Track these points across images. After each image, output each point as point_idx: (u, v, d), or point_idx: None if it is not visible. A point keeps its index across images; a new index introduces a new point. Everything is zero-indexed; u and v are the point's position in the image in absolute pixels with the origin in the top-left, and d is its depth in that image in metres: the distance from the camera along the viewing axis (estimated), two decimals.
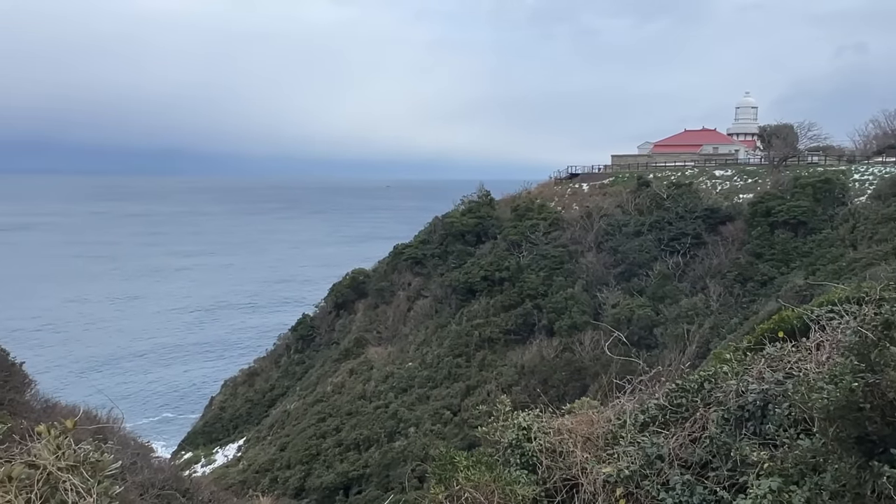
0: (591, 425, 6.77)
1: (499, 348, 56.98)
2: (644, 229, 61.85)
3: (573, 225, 65.52)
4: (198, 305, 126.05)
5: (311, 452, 50.52)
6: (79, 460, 3.34)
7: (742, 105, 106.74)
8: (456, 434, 47.44)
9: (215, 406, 68.50)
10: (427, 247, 70.31)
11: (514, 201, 74.17)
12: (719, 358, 7.66)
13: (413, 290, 67.92)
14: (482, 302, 61.29)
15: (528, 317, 57.94)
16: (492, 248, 65.97)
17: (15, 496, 2.98)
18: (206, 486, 24.39)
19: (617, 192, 71.25)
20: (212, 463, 57.10)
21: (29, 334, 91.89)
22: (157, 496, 18.40)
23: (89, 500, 3.22)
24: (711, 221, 60.98)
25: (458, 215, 71.03)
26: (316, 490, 47.10)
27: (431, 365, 56.79)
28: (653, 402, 6.77)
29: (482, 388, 52.42)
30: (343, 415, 53.72)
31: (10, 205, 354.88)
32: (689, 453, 5.85)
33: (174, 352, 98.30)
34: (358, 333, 66.47)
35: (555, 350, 53.74)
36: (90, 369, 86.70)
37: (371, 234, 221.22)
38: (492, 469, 6.07)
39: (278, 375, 69.57)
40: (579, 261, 61.47)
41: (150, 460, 24.62)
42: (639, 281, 58.18)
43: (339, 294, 73.19)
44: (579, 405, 7.74)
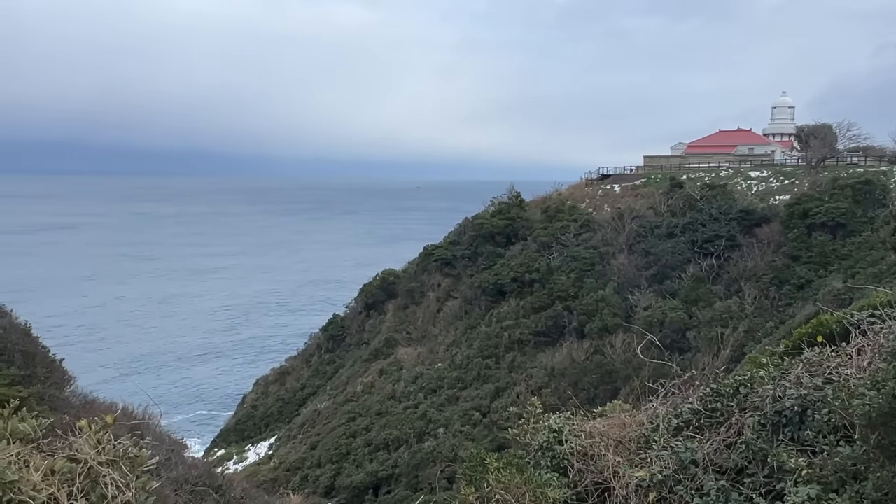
0: (624, 429, 6.70)
1: (528, 350, 56.72)
2: (677, 231, 61.02)
3: (604, 226, 64.94)
4: (232, 305, 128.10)
5: (341, 451, 50.88)
6: (118, 455, 3.42)
7: (778, 105, 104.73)
8: (485, 436, 47.35)
9: (247, 404, 69.43)
10: (457, 248, 70.32)
11: (545, 202, 73.78)
12: (755, 362, 7.52)
13: (443, 291, 67.98)
14: (512, 303, 61.08)
15: (559, 319, 57.56)
16: (522, 250, 65.71)
17: (58, 489, 3.06)
18: (238, 483, 24.70)
19: (649, 194, 70.42)
20: (244, 460, 57.86)
21: (69, 331, 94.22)
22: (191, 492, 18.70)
23: (128, 494, 3.29)
24: (746, 223, 59.93)
25: (488, 216, 70.91)
26: (346, 489, 47.41)
27: (461, 366, 56.77)
28: (686, 407, 6.67)
29: (511, 390, 52.24)
30: (373, 415, 53.99)
31: (51, 205, 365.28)
32: (724, 459, 5.75)
33: (209, 350, 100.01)
34: (388, 334, 66.76)
35: (585, 352, 53.30)
36: (127, 367, 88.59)
37: (401, 235, 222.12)
38: (522, 471, 6.04)
39: (309, 375, 70.24)
40: (610, 262, 60.90)
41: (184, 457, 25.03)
42: (671, 283, 57.41)
43: (369, 294, 73.62)
44: (611, 408, 7.66)
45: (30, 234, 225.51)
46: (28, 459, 3.25)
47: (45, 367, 24.72)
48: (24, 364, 23.24)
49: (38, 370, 24.02)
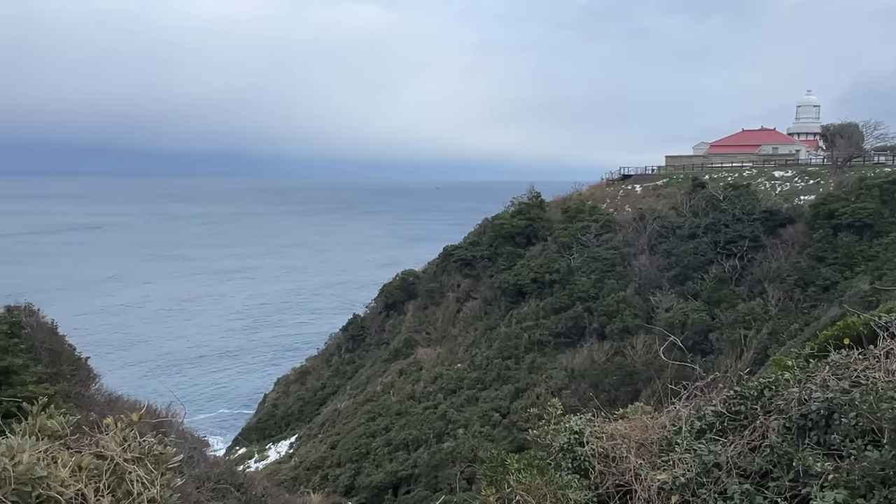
0: (646, 431, 6.64)
1: (548, 351, 56.51)
2: (699, 231, 60.42)
3: (625, 227, 64.50)
4: (254, 305, 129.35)
5: (361, 451, 51.07)
6: (143, 452, 3.46)
7: (803, 104, 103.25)
8: (505, 436, 47.26)
9: (268, 403, 69.98)
10: (477, 248, 70.26)
11: (565, 203, 73.47)
12: (780, 364, 7.42)
13: (462, 291, 67.96)
14: (532, 304, 60.90)
15: (579, 320, 57.28)
16: (542, 250, 65.48)
17: (85, 485, 3.11)
18: (259, 482, 24.92)
19: (671, 194, 69.83)
20: (265, 459, 58.32)
21: (95, 330, 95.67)
22: (213, 490, 18.90)
23: (153, 491, 3.33)
24: (770, 224, 59.18)
25: (508, 217, 70.76)
26: (365, 489, 47.58)
27: (480, 367, 56.71)
28: (710, 409, 6.60)
29: (531, 391, 52.07)
30: (392, 414, 54.13)
31: (79, 205, 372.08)
32: (748, 462, 5.68)
33: (231, 349, 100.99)
34: (407, 334, 66.89)
35: (606, 354, 52.99)
36: (151, 365, 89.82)
37: (421, 235, 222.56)
38: (543, 472, 6.02)
39: (329, 374, 70.61)
40: (632, 263, 60.47)
41: (206, 455, 25.32)
42: (693, 284, 56.85)
43: (389, 295, 73.82)
44: (632, 410, 7.60)
45: (57, 234, 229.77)
46: (56, 456, 3.30)
47: (71, 365, 25.14)
48: (50, 362, 23.65)
49: (64, 368, 24.43)
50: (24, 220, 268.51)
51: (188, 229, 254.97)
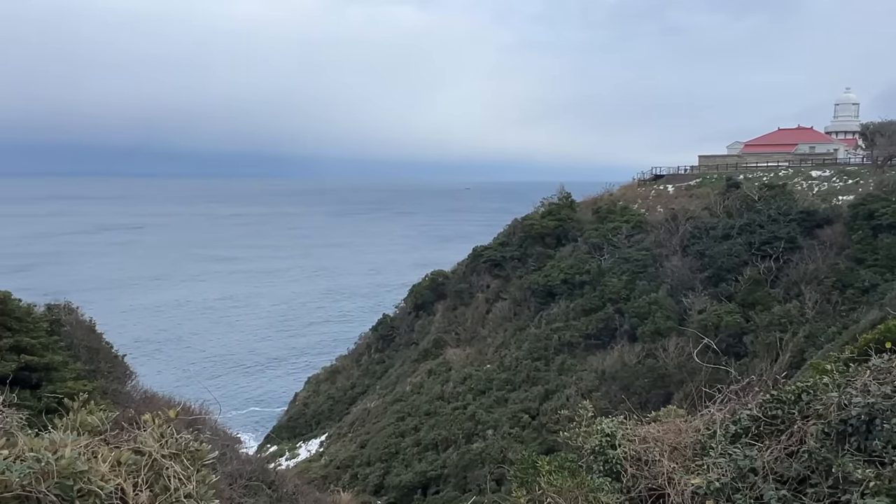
0: (679, 434, 6.55)
1: (578, 353, 56.09)
2: (733, 232, 59.42)
3: (657, 228, 63.73)
4: (287, 303, 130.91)
5: (391, 451, 51.28)
6: (180, 449, 3.52)
7: (842, 102, 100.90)
8: (534, 438, 47.03)
9: (299, 402, 70.68)
10: (506, 249, 70.06)
11: (596, 203, 72.87)
12: (818, 368, 7.26)
13: (492, 292, 67.83)
14: (562, 305, 60.52)
15: (610, 321, 56.74)
16: (572, 251, 65.03)
17: (124, 480, 3.18)
18: (290, 480, 25.18)
19: (704, 194, 68.83)
20: (295, 457, 58.90)
21: (133, 329, 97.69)
22: (245, 486, 19.15)
23: (189, 486, 3.39)
24: (807, 224, 57.93)
25: (538, 217, 70.41)
26: (395, 488, 47.76)
27: (510, 368, 56.53)
28: (745, 413, 6.49)
29: (561, 393, 51.73)
30: (421, 415, 54.24)
31: (120, 206, 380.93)
32: (786, 468, 5.57)
33: (263, 347, 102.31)
34: (437, 334, 66.98)
35: (637, 356, 52.40)
36: (186, 363, 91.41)
37: (450, 235, 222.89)
38: (575, 475, 5.98)
39: (359, 374, 71.04)
40: (664, 264, 59.71)
41: (238, 452, 25.67)
42: (727, 286, 55.91)
43: (418, 295, 74.01)
44: (665, 413, 7.51)
45: (98, 233, 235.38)
46: (96, 451, 3.38)
47: (108, 363, 25.69)
48: (88, 359, 24.20)
49: (101, 365, 24.98)
50: (68, 220, 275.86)
51: (226, 229, 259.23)
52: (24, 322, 21.07)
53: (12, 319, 20.60)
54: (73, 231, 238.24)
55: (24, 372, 18.83)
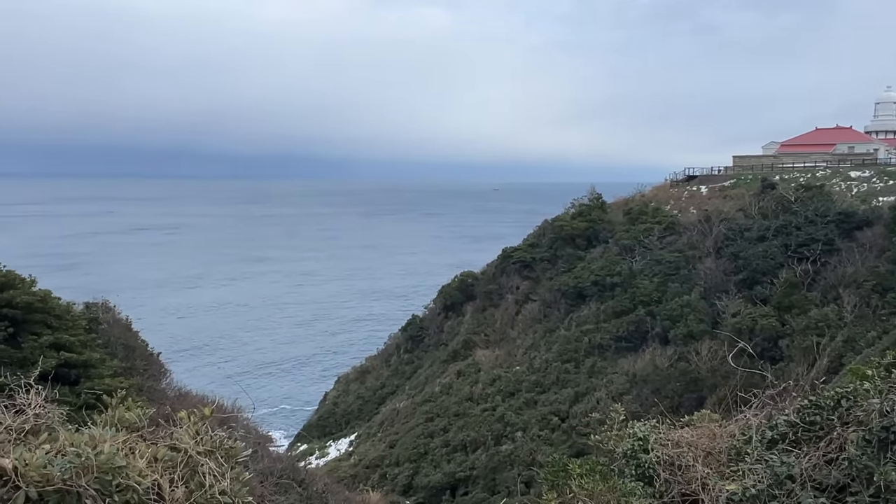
0: (713, 439, 6.44)
1: (609, 355, 55.56)
2: (769, 234, 58.29)
3: (690, 229, 62.84)
4: (318, 302, 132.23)
5: (419, 451, 51.39)
6: (215, 446, 3.57)
7: (882, 100, 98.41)
8: (564, 441, 46.71)
9: (329, 401, 71.24)
10: (536, 250, 69.73)
11: (627, 204, 72.16)
12: (858, 374, 7.07)
13: (521, 293, 67.58)
14: (592, 307, 60.02)
15: (641, 324, 56.10)
16: (603, 253, 64.46)
17: (160, 475, 3.23)
18: (319, 478, 25.40)
19: (739, 195, 67.72)
20: (325, 456, 59.38)
21: (167, 327, 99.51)
22: (276, 484, 19.37)
23: (223, 483, 3.43)
24: (846, 226, 56.56)
25: (569, 218, 69.95)
26: (423, 489, 47.85)
27: (539, 370, 56.25)
28: (782, 419, 6.35)
29: (591, 396, 51.29)
30: (450, 416, 54.26)
31: (161, 206, 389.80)
32: (825, 475, 5.43)
33: (294, 346, 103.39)
34: (466, 335, 66.94)
35: (669, 359, 51.71)
36: (219, 360, 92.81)
37: (480, 236, 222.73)
38: (606, 479, 5.92)
39: (388, 374, 71.34)
40: (696, 267, 58.84)
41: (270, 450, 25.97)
42: (762, 289, 54.84)
43: (447, 296, 74.06)
44: (699, 417, 7.39)
45: (135, 234, 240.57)
46: (133, 447, 3.44)
47: (143, 360, 26.20)
48: (125, 357, 24.71)
49: (137, 363, 25.49)
50: (106, 221, 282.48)
51: (259, 230, 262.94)
52: (64, 320, 21.61)
53: (52, 317, 21.15)
54: (111, 231, 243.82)
55: (64, 368, 19.31)
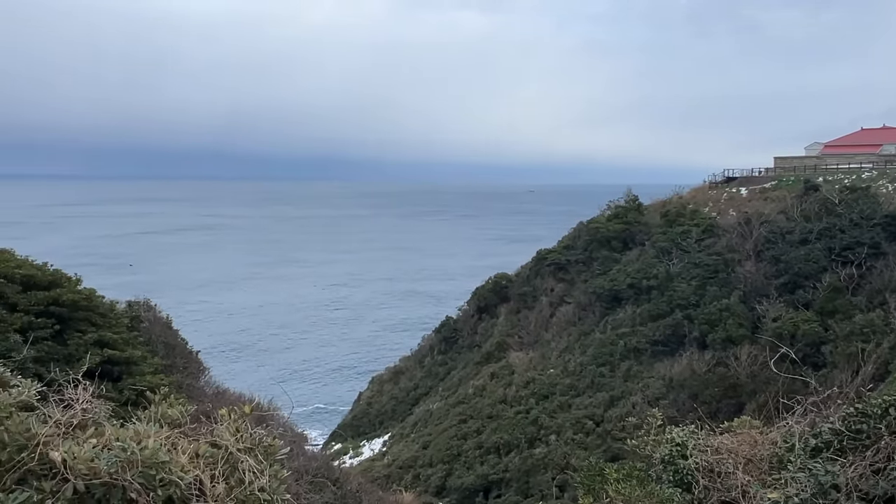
0: (754, 446, 6.31)
1: (645, 359, 54.81)
2: (811, 237, 56.87)
3: (729, 232, 61.67)
4: (352, 302, 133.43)
5: (453, 453, 51.39)
6: (254, 443, 3.63)
7: None
8: (598, 445, 46.22)
9: (363, 401, 71.72)
10: (571, 252, 69.20)
11: (664, 206, 71.15)
12: None
13: (556, 295, 67.11)
14: (628, 310, 59.29)
15: (678, 328, 55.22)
16: (639, 255, 63.65)
17: (202, 471, 3.29)
18: (354, 477, 25.60)
19: (780, 197, 66.23)
20: (359, 455, 59.78)
21: (205, 326, 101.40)
22: (311, 483, 19.58)
23: (262, 480, 3.48)
24: (893, 229, 54.90)
25: (604, 220, 69.27)
26: (456, 490, 47.83)
27: (574, 373, 55.77)
28: (826, 426, 6.19)
29: (627, 400, 50.65)
30: (484, 418, 54.14)
31: (196, 207, 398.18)
32: (871, 485, 5.28)
33: (327, 345, 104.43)
34: (500, 337, 66.74)
35: (707, 364, 50.78)
36: (255, 359, 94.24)
37: (514, 238, 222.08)
38: (643, 484, 5.84)
39: (422, 375, 71.51)
40: (736, 270, 57.70)
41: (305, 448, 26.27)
42: (804, 293, 53.52)
43: (481, 298, 73.96)
44: (739, 424, 7.24)
45: (178, 234, 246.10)
46: (176, 442, 3.51)
47: (183, 358, 26.71)
48: (165, 354, 25.23)
49: (177, 360, 26.00)
50: (147, 221, 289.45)
51: (296, 231, 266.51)
52: (107, 318, 22.18)
53: (97, 315, 21.72)
54: (153, 231, 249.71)
55: (107, 365, 19.80)
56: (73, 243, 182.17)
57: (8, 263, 21.29)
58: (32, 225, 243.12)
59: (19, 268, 21.12)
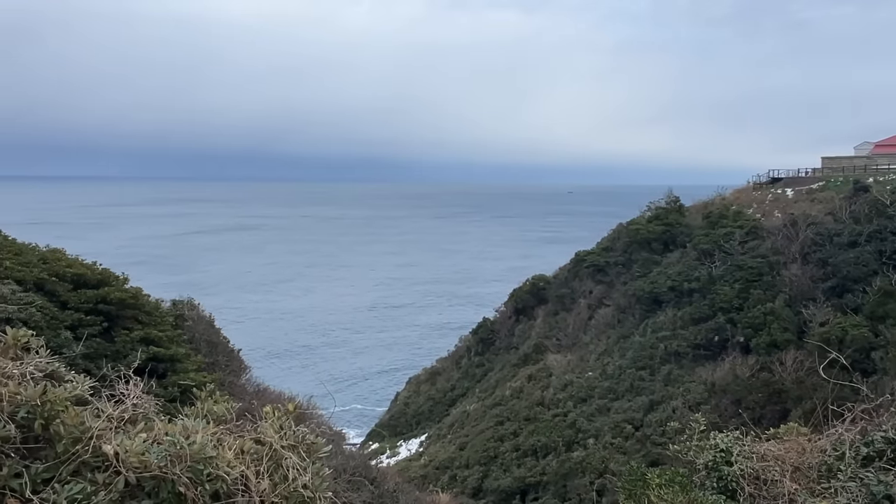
0: (802, 454, 6.14)
1: (686, 363, 53.85)
2: (861, 240, 55.15)
3: (774, 234, 60.19)
4: (389, 304, 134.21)
5: (489, 454, 51.27)
6: (297, 441, 3.68)
7: None
8: (638, 450, 45.56)
9: (400, 401, 72.08)
10: (610, 254, 68.44)
11: (707, 208, 69.85)
12: None
13: (594, 298, 66.43)
14: (669, 313, 58.35)
15: (721, 331, 54.12)
16: (680, 257, 62.60)
17: (247, 467, 3.35)
18: (391, 477, 25.69)
19: (828, 198, 64.42)
20: (396, 455, 60.08)
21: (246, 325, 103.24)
22: (348, 481, 19.73)
23: (305, 477, 3.53)
24: None
25: (644, 222, 68.32)
26: (493, 492, 47.69)
27: (612, 376, 55.12)
28: (879, 435, 6.00)
29: (667, 404, 49.85)
30: (521, 420, 53.88)
31: (236, 208, 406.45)
32: None
33: (365, 346, 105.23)
34: (537, 339, 66.37)
35: (750, 369, 49.66)
36: (294, 358, 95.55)
37: (552, 239, 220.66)
38: (686, 490, 5.74)
39: (458, 376, 71.54)
40: (781, 273, 56.29)
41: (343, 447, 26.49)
42: (853, 297, 51.91)
43: (518, 299, 73.67)
44: (786, 430, 7.06)
45: (216, 234, 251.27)
46: (222, 438, 3.58)
47: (225, 357, 27.22)
48: (208, 352, 25.74)
49: (219, 358, 26.51)
50: (188, 221, 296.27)
51: (334, 232, 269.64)
52: (153, 316, 22.75)
53: (143, 313, 22.29)
54: (191, 231, 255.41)
55: (152, 362, 20.31)
56: (120, 243, 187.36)
57: (59, 262, 22.02)
58: (81, 225, 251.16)
59: (70, 267, 21.82)
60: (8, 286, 17.86)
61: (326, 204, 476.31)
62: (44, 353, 3.80)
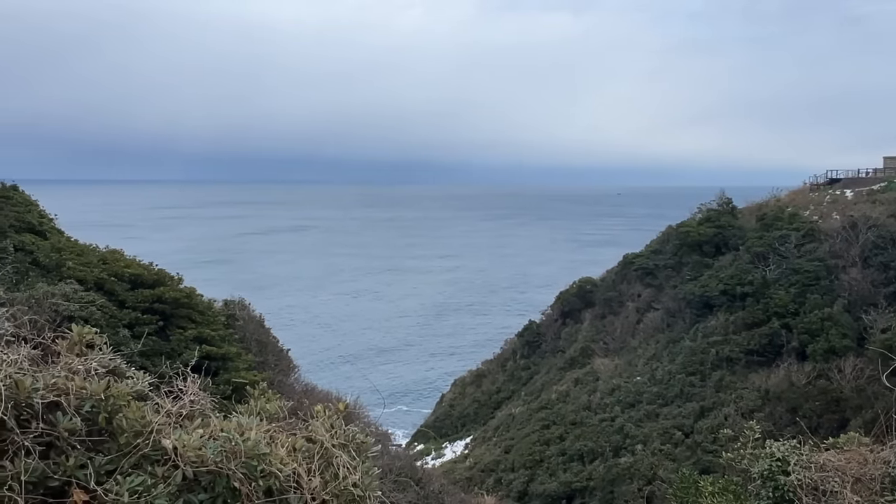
0: (864, 465, 5.92)
1: (738, 369, 52.46)
2: None
3: (832, 236, 58.14)
4: (437, 306, 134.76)
5: (535, 458, 50.91)
6: (348, 440, 3.73)
7: None
8: (688, 457, 44.61)
9: (445, 403, 72.21)
10: (659, 257, 67.19)
11: (760, 209, 67.91)
12: None
13: (643, 301, 65.32)
14: (720, 318, 56.93)
15: (775, 337, 52.54)
16: (733, 261, 61.01)
17: (298, 464, 3.42)
18: (436, 478, 25.78)
19: (890, 200, 61.89)
20: (441, 457, 60.21)
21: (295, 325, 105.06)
22: (395, 481, 19.88)
23: (356, 476, 3.57)
24: None
25: (695, 224, 66.84)
26: (538, 496, 47.35)
27: (662, 381, 54.09)
28: None
29: (718, 411, 48.65)
30: (567, 424, 53.36)
31: (289, 210, 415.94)
32: None
33: (412, 348, 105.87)
34: (584, 343, 65.63)
35: (807, 376, 48.08)
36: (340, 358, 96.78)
37: (600, 241, 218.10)
38: (740, 499, 5.60)
39: (504, 379, 71.29)
40: (840, 277, 54.35)
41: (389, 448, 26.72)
42: None
43: (565, 302, 72.99)
44: (846, 440, 6.82)
45: (270, 235, 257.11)
46: (274, 436, 3.66)
47: (275, 356, 27.78)
48: (258, 351, 26.31)
49: (269, 358, 27.07)
50: (242, 223, 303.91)
51: (381, 231, 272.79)
52: (206, 315, 23.38)
53: (196, 313, 22.93)
54: (246, 232, 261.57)
55: (204, 360, 20.87)
56: (178, 245, 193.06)
57: (118, 263, 22.83)
58: (142, 227, 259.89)
59: (128, 267, 22.60)
60: (70, 285, 18.61)
61: (374, 206, 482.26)
62: (106, 350, 3.94)
